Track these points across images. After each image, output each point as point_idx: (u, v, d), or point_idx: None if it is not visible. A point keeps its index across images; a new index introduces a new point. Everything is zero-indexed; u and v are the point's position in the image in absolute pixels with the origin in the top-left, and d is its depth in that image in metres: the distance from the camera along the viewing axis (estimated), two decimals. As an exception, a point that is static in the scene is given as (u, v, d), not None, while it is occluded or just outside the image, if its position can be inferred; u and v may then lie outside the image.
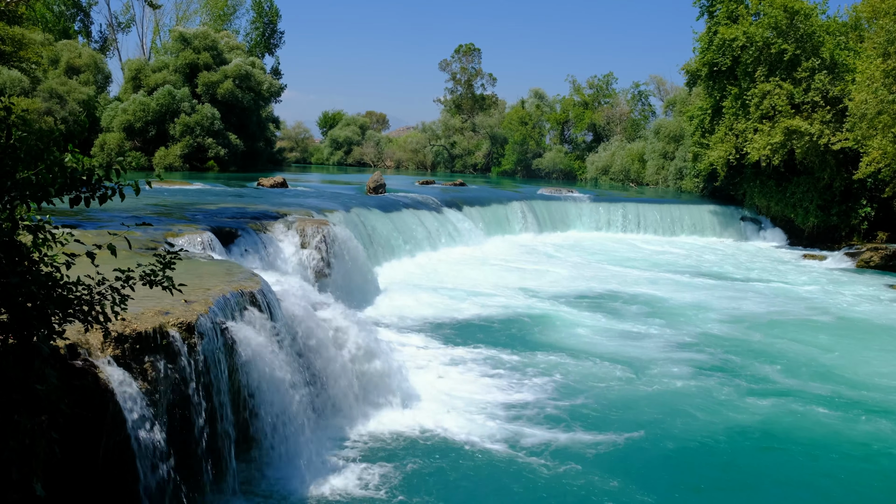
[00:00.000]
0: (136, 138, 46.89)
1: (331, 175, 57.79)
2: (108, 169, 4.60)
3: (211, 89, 49.30)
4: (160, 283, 5.21)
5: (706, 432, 9.87)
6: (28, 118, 4.83)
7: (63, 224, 4.94)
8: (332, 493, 7.74)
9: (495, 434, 9.42)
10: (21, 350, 4.36)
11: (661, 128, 52.69)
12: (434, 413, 9.99)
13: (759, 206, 34.79)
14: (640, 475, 8.54)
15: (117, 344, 6.16)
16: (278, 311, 8.98)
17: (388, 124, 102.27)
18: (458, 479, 8.23)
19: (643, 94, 68.19)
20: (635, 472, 8.59)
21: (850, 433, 10.10)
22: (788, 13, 30.76)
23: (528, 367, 12.37)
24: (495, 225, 30.19)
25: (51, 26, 57.10)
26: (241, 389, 7.71)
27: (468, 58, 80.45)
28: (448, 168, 77.87)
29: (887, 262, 26.86)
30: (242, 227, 15.23)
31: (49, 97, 44.27)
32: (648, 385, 11.75)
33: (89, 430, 5.69)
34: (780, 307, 18.56)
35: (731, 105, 33.07)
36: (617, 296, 19.14)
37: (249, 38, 67.53)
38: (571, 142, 72.45)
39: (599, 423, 9.98)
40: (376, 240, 21.46)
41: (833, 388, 11.96)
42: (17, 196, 4.38)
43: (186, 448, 6.81)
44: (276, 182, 30.44)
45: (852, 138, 27.48)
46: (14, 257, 4.28)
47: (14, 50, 31.18)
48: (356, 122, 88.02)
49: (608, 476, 8.39)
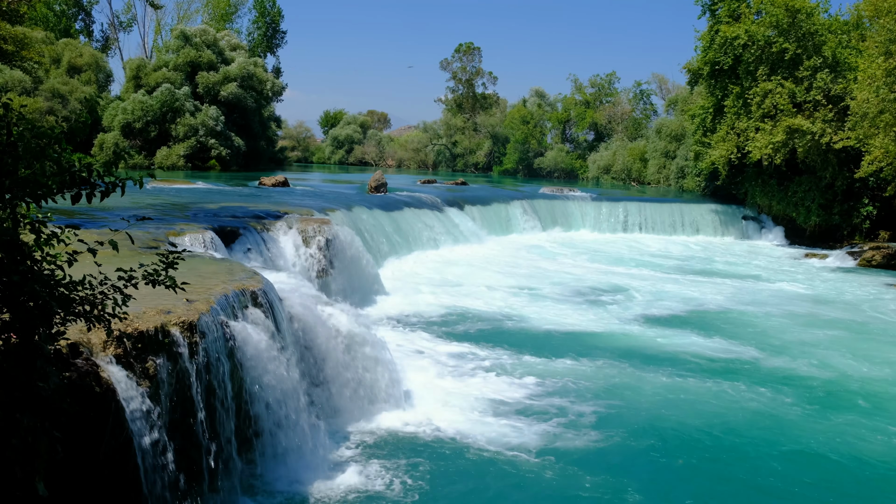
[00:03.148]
0: (138, 137, 46.89)
1: (332, 174, 57.82)
2: (109, 166, 4.59)
3: (213, 89, 49.34)
4: (163, 283, 5.21)
5: (711, 430, 9.86)
6: (29, 116, 4.81)
7: (66, 224, 4.91)
8: (334, 491, 7.75)
9: (495, 433, 9.41)
10: (23, 349, 4.36)
11: (662, 127, 52.66)
12: (434, 412, 9.99)
13: (760, 205, 34.76)
14: (641, 474, 8.53)
15: (119, 343, 6.15)
16: (280, 310, 8.98)
17: (389, 123, 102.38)
18: (459, 478, 8.22)
19: (645, 93, 68.22)
20: (637, 472, 8.59)
21: (852, 431, 10.10)
22: (790, 12, 30.71)
23: (528, 366, 12.36)
24: (497, 224, 30.19)
25: (52, 25, 57.15)
26: (242, 388, 7.71)
27: (468, 57, 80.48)
28: (449, 167, 77.92)
29: (889, 261, 26.83)
30: (244, 226, 15.23)
31: (51, 96, 44.34)
32: (648, 384, 11.73)
33: (91, 430, 5.69)
34: (781, 306, 18.53)
35: (732, 104, 33.03)
36: (618, 295, 19.12)
37: (251, 38, 67.57)
38: (573, 141, 72.47)
39: (600, 423, 9.96)
40: (378, 239, 21.46)
41: (833, 386, 11.95)
42: (17, 194, 4.37)
43: (188, 447, 6.81)
44: (278, 181, 30.44)
45: (854, 137, 27.44)
46: (15, 256, 4.27)
47: (16, 49, 31.20)
48: (357, 122, 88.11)
49: (609, 476, 8.38)
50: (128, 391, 5.96)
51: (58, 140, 4.43)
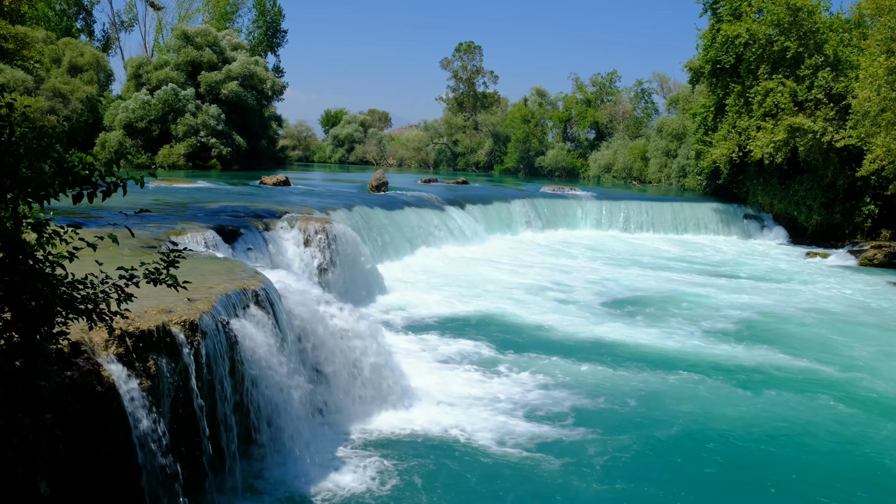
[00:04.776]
0: (139, 137, 46.90)
1: (333, 173, 57.82)
2: (110, 165, 4.59)
3: (214, 88, 49.34)
4: (164, 281, 5.21)
5: (715, 428, 9.86)
6: (31, 116, 4.80)
7: (68, 224, 4.91)
8: (334, 490, 7.75)
9: (496, 432, 9.41)
10: (25, 348, 4.37)
11: (663, 126, 52.64)
12: (434, 411, 9.99)
13: (762, 204, 34.74)
14: (642, 473, 8.54)
15: (120, 342, 6.16)
16: (281, 309, 8.98)
17: (390, 122, 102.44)
18: (459, 477, 8.23)
19: (646, 91, 68.13)
20: (638, 471, 8.59)
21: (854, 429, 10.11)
22: (791, 10, 30.68)
23: (529, 365, 12.36)
24: (498, 223, 30.19)
25: (53, 25, 57.15)
26: (243, 387, 7.71)
27: (469, 56, 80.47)
28: (450, 166, 77.93)
29: (891, 259, 26.81)
30: (245, 225, 15.24)
31: (52, 96, 44.35)
32: (650, 383, 11.73)
33: (92, 429, 5.69)
34: (782, 305, 18.52)
35: (734, 103, 33.01)
36: (619, 294, 19.12)
37: (252, 37, 67.53)
38: (574, 140, 72.43)
39: (602, 423, 9.97)
40: (378, 238, 21.46)
41: (833, 385, 11.95)
42: (19, 194, 4.38)
43: (189, 446, 6.82)
44: (279, 180, 30.45)
45: (856, 136, 27.42)
46: (17, 255, 4.28)
47: (17, 48, 31.22)
48: (358, 121, 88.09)
49: (610, 475, 8.39)
50: (129, 390, 5.96)
51: (59, 140, 4.44)
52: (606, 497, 7.92)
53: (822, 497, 8.19)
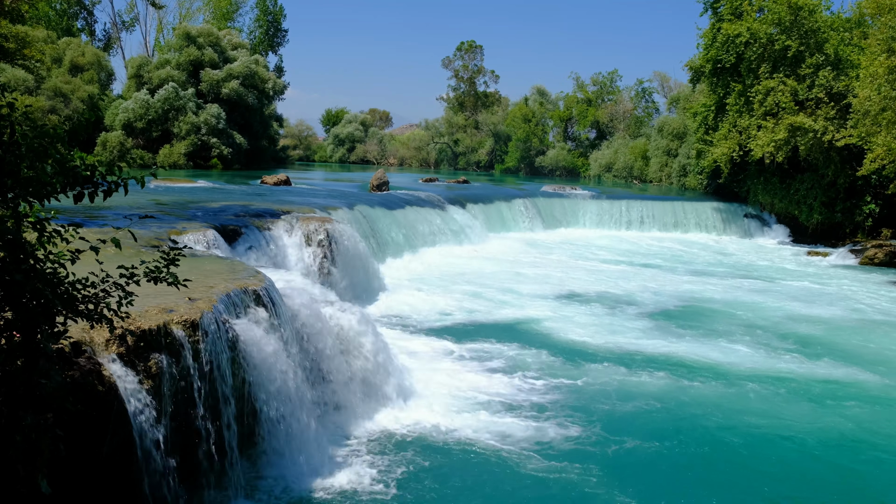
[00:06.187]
0: (140, 136, 46.93)
1: (334, 173, 57.85)
2: (111, 165, 4.60)
3: (215, 88, 49.35)
4: (165, 279, 5.22)
5: (719, 432, 9.87)
6: (32, 116, 4.81)
7: (69, 223, 4.92)
8: (335, 490, 7.76)
9: (496, 431, 9.41)
10: (26, 348, 4.37)
11: (664, 125, 52.63)
12: (435, 410, 9.99)
13: (762, 203, 34.73)
14: (641, 472, 8.54)
15: (121, 342, 6.17)
16: (282, 309, 8.98)
17: (391, 122, 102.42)
18: (459, 476, 8.23)
19: (647, 91, 68.16)
20: (637, 470, 8.60)
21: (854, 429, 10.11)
22: (792, 9, 30.67)
23: (529, 365, 12.36)
24: (498, 222, 30.20)
25: (53, 24, 57.16)
26: (244, 387, 7.72)
27: (470, 55, 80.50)
28: (451, 165, 77.96)
29: (891, 258, 26.80)
30: (246, 224, 15.24)
31: (53, 95, 44.36)
32: (649, 382, 11.73)
33: (94, 428, 5.70)
34: (783, 305, 18.52)
35: (734, 102, 33.00)
36: (620, 294, 19.11)
37: (253, 37, 67.55)
38: (575, 139, 72.45)
39: (603, 422, 9.97)
40: (379, 237, 21.47)
41: (832, 384, 11.96)
42: (20, 193, 4.39)
43: (190, 446, 6.83)
44: (280, 180, 30.48)
45: (856, 135, 27.40)
46: (18, 255, 4.29)
47: (18, 48, 31.24)
48: (359, 120, 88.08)
49: (611, 475, 8.39)
50: (130, 390, 5.97)
51: (60, 139, 4.44)
52: (606, 497, 7.93)
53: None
